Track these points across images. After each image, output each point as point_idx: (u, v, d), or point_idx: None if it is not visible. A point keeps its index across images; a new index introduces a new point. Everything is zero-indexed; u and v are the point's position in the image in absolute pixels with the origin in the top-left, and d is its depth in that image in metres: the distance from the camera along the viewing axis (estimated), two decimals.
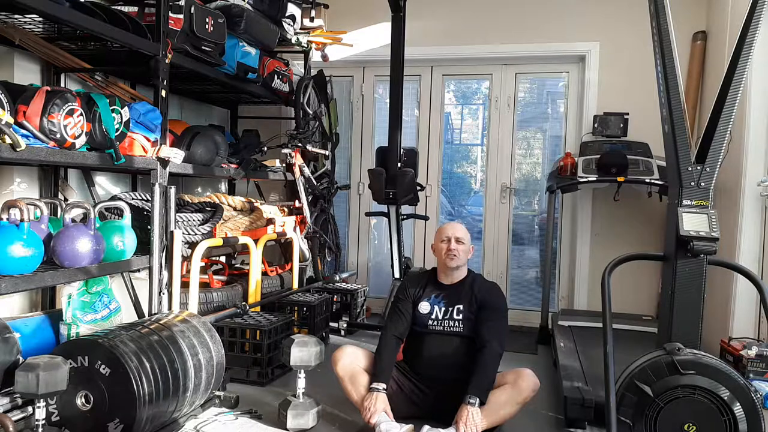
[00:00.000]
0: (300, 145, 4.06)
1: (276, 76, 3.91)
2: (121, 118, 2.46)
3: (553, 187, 3.97)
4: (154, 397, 2.06)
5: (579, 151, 4.02)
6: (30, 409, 2.03)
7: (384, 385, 2.42)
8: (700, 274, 2.07)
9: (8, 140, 1.97)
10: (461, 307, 2.57)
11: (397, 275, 4.21)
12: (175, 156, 2.78)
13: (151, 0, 2.85)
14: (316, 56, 4.50)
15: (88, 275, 2.39)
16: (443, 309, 2.59)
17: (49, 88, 2.20)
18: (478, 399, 2.28)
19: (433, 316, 2.59)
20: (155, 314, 2.67)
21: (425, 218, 4.62)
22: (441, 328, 2.58)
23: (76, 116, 2.24)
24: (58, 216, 2.64)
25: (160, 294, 2.74)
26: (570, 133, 4.60)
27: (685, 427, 1.92)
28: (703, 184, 2.08)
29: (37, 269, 2.17)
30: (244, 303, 3.23)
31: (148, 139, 2.68)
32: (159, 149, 2.71)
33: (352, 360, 2.53)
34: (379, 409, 2.35)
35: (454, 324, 2.57)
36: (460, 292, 2.61)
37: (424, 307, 2.61)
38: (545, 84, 4.94)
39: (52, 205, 2.79)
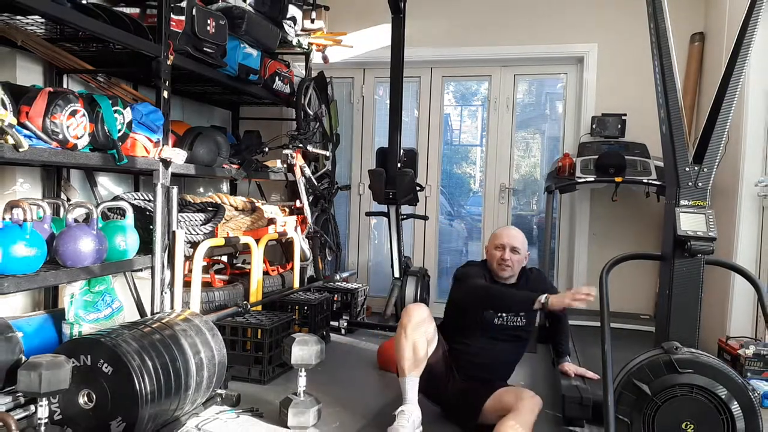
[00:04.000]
0: (301, 145, 4.07)
1: (277, 78, 3.92)
2: (124, 119, 2.47)
3: (552, 188, 3.99)
4: (156, 395, 2.07)
5: (577, 152, 4.04)
6: (32, 407, 2.05)
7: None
8: (698, 273, 2.08)
9: (11, 141, 1.98)
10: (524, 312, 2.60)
11: (397, 275, 4.23)
12: (177, 156, 2.80)
13: (152, 1, 2.86)
14: (316, 58, 4.51)
15: (91, 275, 2.40)
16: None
17: (51, 89, 2.21)
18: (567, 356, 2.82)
19: (499, 314, 2.58)
20: (157, 313, 2.68)
21: (425, 218, 4.65)
22: (505, 323, 2.59)
23: (78, 117, 2.25)
24: (61, 216, 2.66)
25: (162, 293, 2.75)
26: (568, 134, 4.62)
27: (683, 426, 1.93)
28: (700, 184, 2.10)
29: (40, 269, 2.18)
30: (245, 302, 3.24)
31: (151, 140, 2.69)
32: (161, 150, 2.73)
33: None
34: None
35: (517, 319, 2.60)
36: (520, 289, 2.63)
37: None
38: (544, 85, 4.96)
39: (55, 206, 2.80)
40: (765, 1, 2.09)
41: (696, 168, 2.10)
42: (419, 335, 2.37)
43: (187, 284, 2.96)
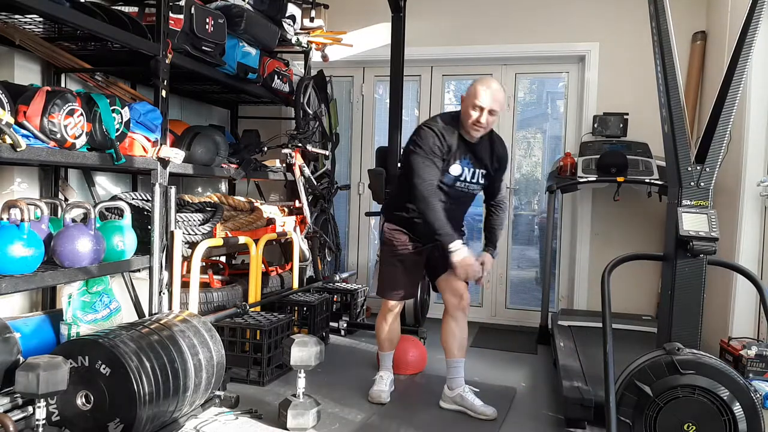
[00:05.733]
0: (300, 145, 4.06)
1: (276, 77, 3.91)
2: (122, 118, 2.46)
3: (553, 187, 3.98)
4: (155, 396, 2.06)
5: (579, 151, 4.02)
6: (30, 408, 2.04)
7: (462, 239, 2.58)
8: (700, 274, 2.07)
9: (9, 140, 1.97)
10: (484, 172, 2.69)
11: None
12: (176, 156, 2.78)
13: (151, 0, 2.85)
14: (316, 56, 4.50)
15: (89, 275, 2.39)
16: (471, 171, 2.66)
17: (49, 88, 2.20)
18: (495, 250, 2.80)
19: (462, 178, 2.64)
20: (155, 314, 2.67)
21: None
22: (466, 189, 2.69)
23: (76, 116, 2.24)
24: (59, 216, 2.65)
25: (160, 294, 2.74)
26: (570, 133, 4.60)
27: (685, 427, 1.92)
28: (702, 184, 2.08)
29: (38, 269, 2.17)
30: (244, 303, 3.23)
31: (149, 139, 2.68)
32: (159, 149, 2.71)
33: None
34: (484, 266, 2.64)
35: (477, 187, 2.71)
36: (483, 151, 2.67)
37: (455, 169, 2.62)
38: (545, 84, 4.94)
39: (53, 205, 2.79)
40: (767, 1, 2.08)
41: (698, 168, 2.09)
42: (397, 324, 2.92)
43: (185, 285, 2.95)
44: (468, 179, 2.65)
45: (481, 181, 2.69)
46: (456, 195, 2.68)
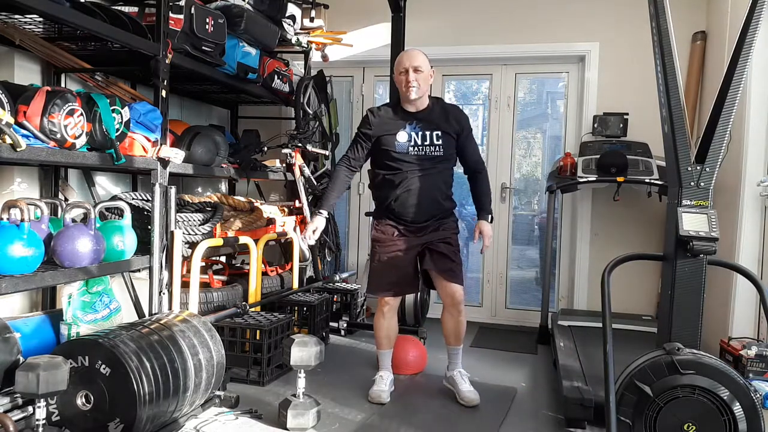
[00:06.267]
0: (300, 145, 4.06)
1: (276, 77, 3.91)
2: (122, 118, 2.46)
3: (553, 187, 3.98)
4: (155, 396, 2.06)
5: (579, 151, 4.02)
6: (30, 408, 2.04)
7: (326, 212, 2.87)
8: (700, 274, 2.07)
9: (8, 140, 1.97)
10: (439, 133, 2.77)
11: None
12: (176, 156, 2.78)
13: (151, 0, 2.85)
14: (316, 56, 4.50)
15: (89, 275, 2.39)
16: (421, 134, 2.77)
17: (49, 88, 2.20)
18: (490, 215, 2.87)
19: (412, 143, 2.76)
20: (155, 314, 2.67)
21: None
22: (423, 153, 2.76)
23: (76, 116, 2.24)
24: (59, 216, 2.65)
25: (160, 294, 2.74)
26: (570, 133, 4.60)
27: (685, 427, 1.92)
28: (702, 184, 2.08)
29: (38, 269, 2.17)
30: (244, 303, 3.23)
31: (149, 139, 2.68)
32: (159, 149, 2.71)
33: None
34: (318, 227, 2.82)
35: (434, 149, 2.76)
36: (435, 116, 2.80)
37: (401, 136, 2.76)
38: (545, 84, 4.94)
39: (53, 205, 2.79)
40: (767, 1, 2.08)
41: (698, 168, 2.09)
42: (394, 322, 2.96)
43: (185, 285, 2.95)
44: (419, 143, 2.76)
45: (437, 142, 2.76)
46: (417, 161, 2.76)
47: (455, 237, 2.90)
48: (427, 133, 2.77)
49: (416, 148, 2.76)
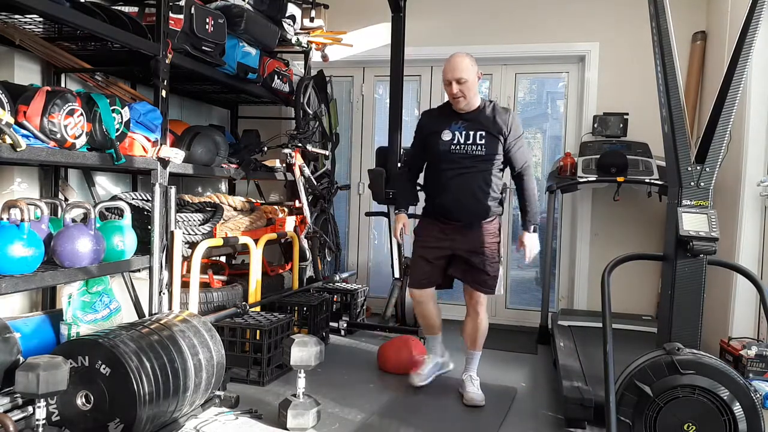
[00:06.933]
0: (300, 145, 4.06)
1: (276, 77, 3.91)
2: (122, 118, 2.46)
3: (553, 187, 3.98)
4: (155, 396, 2.06)
5: (579, 151, 4.02)
6: (30, 408, 2.04)
7: (404, 210, 3.03)
8: (700, 274, 2.07)
9: (8, 140, 1.97)
10: (483, 133, 2.80)
11: (397, 275, 4.20)
12: (176, 156, 2.78)
13: (151, 0, 2.85)
14: (316, 56, 4.50)
15: (89, 275, 2.39)
16: (464, 134, 2.82)
17: (49, 88, 2.20)
18: (533, 226, 2.90)
19: (455, 141, 2.82)
20: (155, 314, 2.67)
21: None
22: (464, 151, 2.81)
23: (76, 116, 2.24)
24: (59, 216, 2.65)
25: (160, 294, 2.74)
26: (570, 133, 4.60)
27: (685, 427, 1.92)
28: (702, 184, 2.09)
29: (38, 269, 2.17)
30: (244, 303, 3.23)
31: (149, 139, 2.68)
32: (159, 149, 2.71)
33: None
34: (400, 224, 3.01)
35: (476, 148, 2.80)
36: (480, 118, 2.83)
37: (446, 134, 2.83)
38: (545, 84, 4.94)
39: (53, 205, 2.79)
40: (767, 1, 2.08)
41: (698, 168, 2.09)
42: (430, 309, 2.99)
43: (185, 285, 2.95)
44: (462, 141, 2.81)
45: (480, 142, 2.79)
46: (459, 159, 2.81)
47: (494, 244, 2.87)
48: (471, 132, 2.81)
49: (458, 146, 2.81)
